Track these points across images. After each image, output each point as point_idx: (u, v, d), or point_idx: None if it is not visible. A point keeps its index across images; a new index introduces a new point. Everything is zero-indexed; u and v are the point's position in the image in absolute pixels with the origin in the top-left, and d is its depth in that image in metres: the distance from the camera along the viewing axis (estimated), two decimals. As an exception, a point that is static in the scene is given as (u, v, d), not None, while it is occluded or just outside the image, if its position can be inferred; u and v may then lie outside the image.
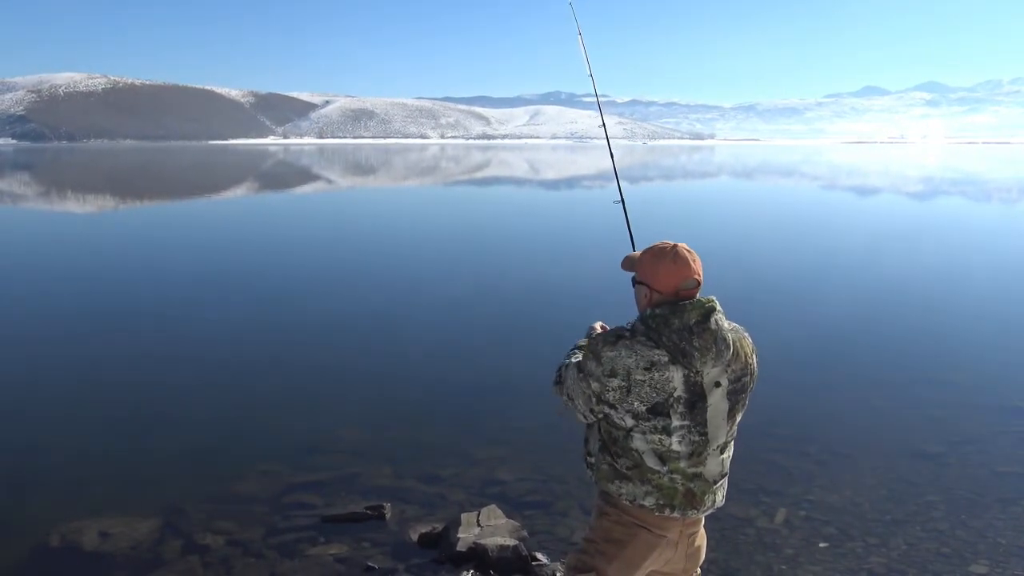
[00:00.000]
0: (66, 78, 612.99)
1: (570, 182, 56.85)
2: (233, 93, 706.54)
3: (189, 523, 5.55)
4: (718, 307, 2.68)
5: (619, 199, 3.81)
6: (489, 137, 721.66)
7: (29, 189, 51.16)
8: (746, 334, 2.82)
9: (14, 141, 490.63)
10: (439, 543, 5.25)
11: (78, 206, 37.55)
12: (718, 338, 2.63)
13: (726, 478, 2.86)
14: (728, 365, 2.69)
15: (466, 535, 5.16)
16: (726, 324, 2.70)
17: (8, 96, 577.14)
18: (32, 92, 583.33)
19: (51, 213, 33.74)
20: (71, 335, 11.22)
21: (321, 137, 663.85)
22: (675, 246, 2.74)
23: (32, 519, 5.61)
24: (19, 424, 7.64)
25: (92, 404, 8.21)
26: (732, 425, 2.79)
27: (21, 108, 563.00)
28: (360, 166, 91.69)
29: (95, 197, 44.45)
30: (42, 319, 12.24)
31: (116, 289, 14.97)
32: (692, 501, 2.76)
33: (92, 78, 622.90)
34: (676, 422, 2.64)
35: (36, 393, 8.59)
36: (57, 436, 7.29)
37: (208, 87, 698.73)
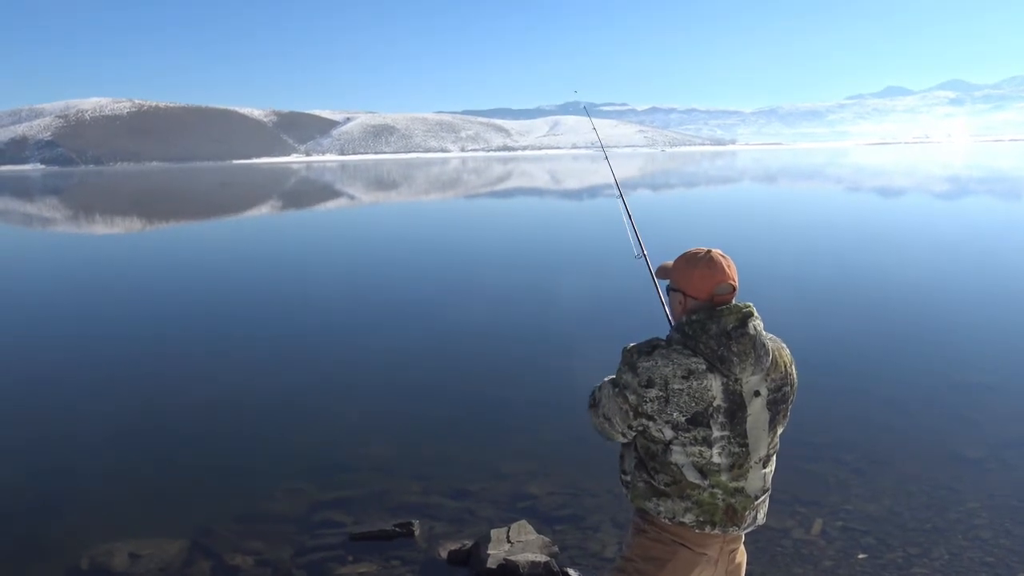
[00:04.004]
0: (92, 103, 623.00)
1: (592, 191, 56.72)
2: (255, 112, 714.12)
3: (218, 543, 5.52)
4: (755, 313, 2.61)
5: (640, 254, 3.63)
6: (510, 149, 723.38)
7: (58, 213, 51.95)
8: (784, 345, 2.74)
9: (43, 166, 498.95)
10: (469, 560, 5.18)
11: (106, 228, 38.05)
12: (757, 343, 2.55)
13: (768, 494, 2.76)
14: (768, 373, 2.61)
15: (496, 551, 5.08)
16: (764, 332, 2.62)
17: (36, 122, 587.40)
18: (60, 117, 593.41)
19: (81, 235, 34.21)
20: (97, 355, 11.31)
21: (343, 154, 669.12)
22: (709, 251, 2.68)
23: (63, 541, 5.62)
24: (49, 446, 7.67)
25: (120, 425, 8.23)
26: (773, 437, 2.70)
27: (49, 133, 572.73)
28: (383, 181, 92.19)
29: (125, 219, 45.02)
30: (69, 340, 12.36)
31: (144, 308, 15.08)
32: (733, 517, 2.66)
33: (117, 102, 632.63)
34: (716, 432, 2.56)
35: (65, 414, 8.63)
36: (86, 458, 7.31)
37: (230, 107, 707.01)
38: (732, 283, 2.64)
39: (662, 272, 2.84)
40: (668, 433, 2.58)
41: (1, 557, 5.49)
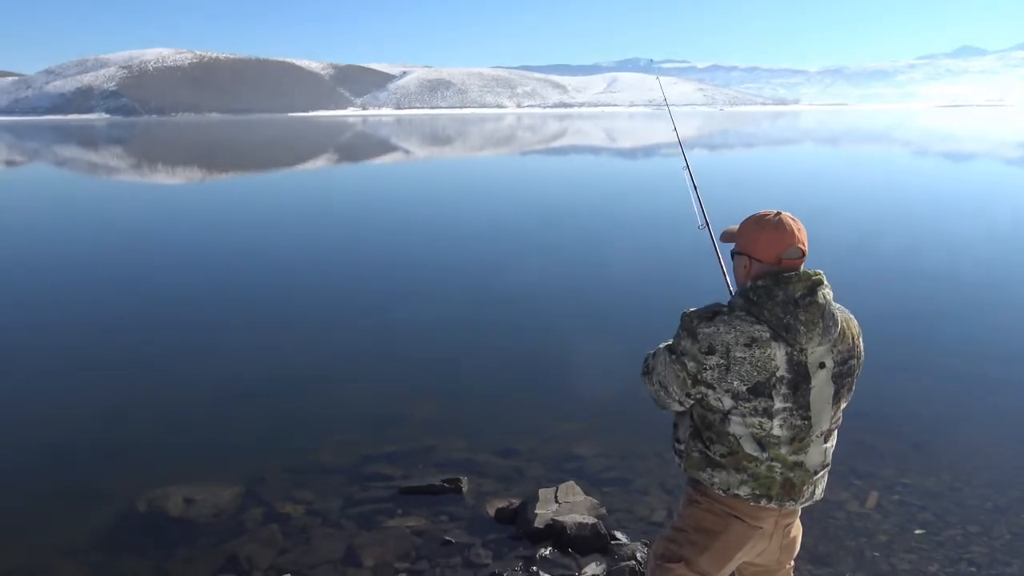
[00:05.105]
0: (155, 54, 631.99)
1: (648, 151, 55.89)
2: (313, 65, 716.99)
3: (270, 492, 5.62)
4: (825, 281, 2.48)
5: (703, 224, 3.49)
6: (566, 105, 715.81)
7: (126, 162, 53.13)
8: (852, 316, 2.61)
9: (107, 116, 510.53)
10: (516, 519, 5.18)
11: (169, 177, 38.79)
12: (825, 313, 2.43)
13: (827, 469, 2.66)
14: (834, 345, 2.49)
15: (544, 511, 5.07)
16: (834, 302, 2.50)
17: (102, 72, 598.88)
18: (123, 68, 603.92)
19: (133, 184, 34.96)
20: (158, 303, 11.57)
21: (399, 108, 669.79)
22: (778, 213, 2.55)
23: (121, 486, 5.77)
24: (109, 395, 7.89)
25: (178, 374, 8.42)
26: (837, 411, 2.59)
27: (113, 84, 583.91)
28: (437, 137, 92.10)
29: (187, 170, 45.85)
30: (130, 287, 12.66)
31: (204, 259, 15.37)
32: (790, 492, 2.57)
33: (179, 53, 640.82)
34: (778, 404, 2.45)
35: (124, 364, 8.87)
36: (144, 407, 7.50)
37: (289, 60, 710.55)
38: (802, 247, 2.51)
39: (727, 236, 2.71)
40: (727, 403, 2.49)
41: (63, 499, 5.69)
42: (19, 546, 5.06)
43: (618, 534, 4.95)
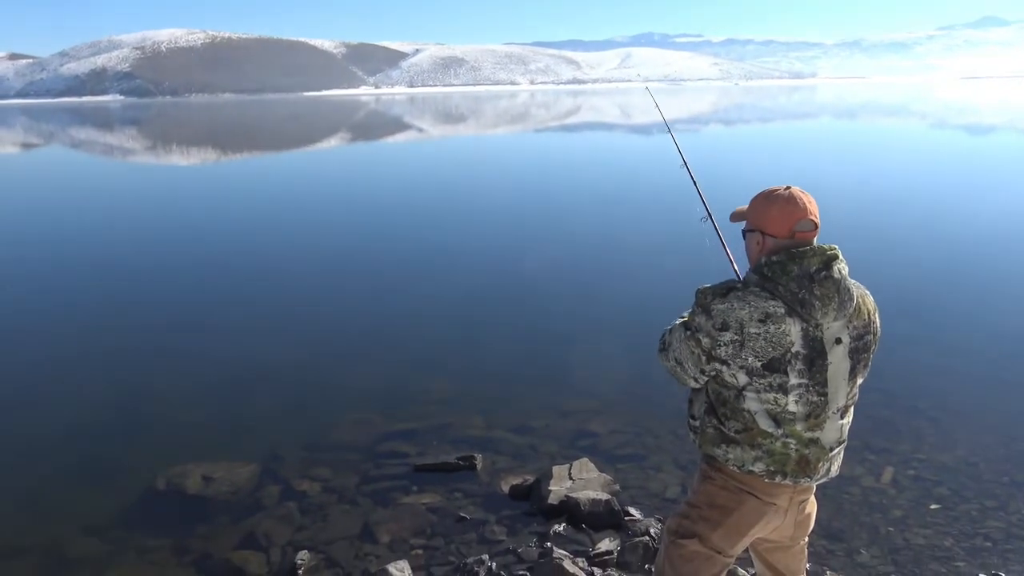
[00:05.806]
0: (168, 34, 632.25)
1: (661, 128, 55.43)
2: (326, 44, 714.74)
3: (287, 469, 5.68)
4: (841, 255, 2.45)
5: (705, 216, 3.40)
6: (580, 82, 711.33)
7: (140, 144, 53.28)
8: (867, 292, 2.58)
9: (122, 97, 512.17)
10: (530, 495, 5.20)
11: (187, 159, 38.91)
12: (841, 288, 2.41)
13: (843, 446, 2.64)
14: (850, 320, 2.47)
15: (558, 488, 5.09)
16: (849, 277, 2.47)
17: (115, 53, 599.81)
18: (137, 49, 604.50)
19: (155, 166, 35.09)
20: (175, 285, 11.65)
21: (412, 86, 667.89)
22: (788, 187, 2.53)
23: (141, 464, 5.85)
24: (128, 375, 7.97)
25: (195, 354, 8.47)
26: (853, 387, 2.57)
27: (127, 65, 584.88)
28: (451, 115, 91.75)
29: (202, 151, 45.95)
30: (146, 270, 12.75)
31: (217, 241, 15.44)
32: (805, 468, 2.56)
33: (192, 33, 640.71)
34: (793, 380, 2.43)
35: (141, 343, 8.94)
36: (162, 386, 7.56)
37: (301, 39, 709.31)
38: (814, 219, 2.48)
39: (737, 216, 2.68)
40: (742, 379, 2.47)
41: (84, 477, 5.78)
42: (41, 522, 5.14)
43: (632, 510, 4.96)
